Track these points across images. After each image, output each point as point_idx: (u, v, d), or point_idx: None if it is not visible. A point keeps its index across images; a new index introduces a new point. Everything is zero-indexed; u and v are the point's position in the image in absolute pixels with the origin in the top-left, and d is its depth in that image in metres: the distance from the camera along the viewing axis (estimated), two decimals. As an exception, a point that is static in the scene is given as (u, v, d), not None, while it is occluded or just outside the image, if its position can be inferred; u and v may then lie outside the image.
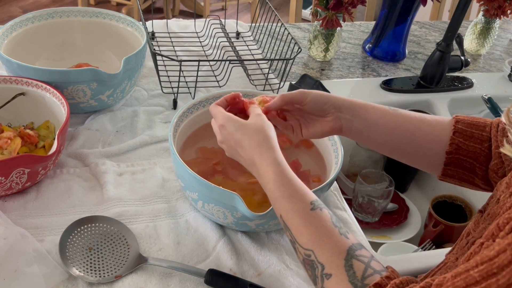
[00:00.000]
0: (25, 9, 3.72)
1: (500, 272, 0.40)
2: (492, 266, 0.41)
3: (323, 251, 0.54)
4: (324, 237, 0.56)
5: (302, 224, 0.58)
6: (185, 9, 3.92)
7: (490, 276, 0.40)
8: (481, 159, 0.70)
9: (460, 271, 0.43)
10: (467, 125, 0.71)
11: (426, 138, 0.72)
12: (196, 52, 1.28)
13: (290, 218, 0.59)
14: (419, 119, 0.74)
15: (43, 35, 1.11)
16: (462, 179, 0.73)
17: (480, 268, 0.41)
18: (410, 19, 1.41)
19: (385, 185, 1.19)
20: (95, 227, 0.80)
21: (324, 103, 0.74)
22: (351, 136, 0.76)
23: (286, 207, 0.60)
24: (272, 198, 0.63)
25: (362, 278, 0.51)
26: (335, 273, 0.52)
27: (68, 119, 0.86)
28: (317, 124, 0.76)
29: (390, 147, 0.75)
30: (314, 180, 0.88)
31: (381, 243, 1.12)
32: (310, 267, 0.55)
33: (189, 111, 0.90)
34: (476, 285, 0.41)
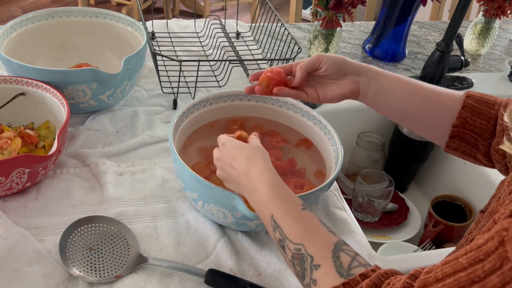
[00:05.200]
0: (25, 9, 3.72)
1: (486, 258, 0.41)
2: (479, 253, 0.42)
3: (313, 244, 0.58)
4: (314, 233, 0.59)
5: (294, 221, 0.61)
6: (185, 9, 3.92)
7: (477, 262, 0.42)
8: (485, 135, 0.72)
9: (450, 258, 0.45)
10: (476, 101, 0.73)
11: (436, 108, 0.75)
12: (196, 52, 1.28)
13: (282, 217, 0.62)
14: (431, 89, 0.76)
15: (43, 35, 1.11)
16: (465, 153, 0.75)
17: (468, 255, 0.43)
18: (410, 19, 1.41)
19: (385, 185, 1.19)
20: (95, 227, 0.80)
21: (342, 64, 0.76)
22: (366, 101, 0.78)
23: (279, 207, 0.63)
24: (263, 201, 0.64)
25: (348, 268, 0.54)
26: (323, 264, 0.55)
27: (68, 119, 0.86)
28: (335, 87, 0.77)
29: (401, 114, 0.77)
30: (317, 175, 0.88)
31: (381, 243, 1.12)
32: (300, 261, 0.58)
33: (189, 111, 0.90)
34: (463, 271, 0.42)
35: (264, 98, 0.95)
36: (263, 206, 0.64)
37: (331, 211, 0.91)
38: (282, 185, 0.66)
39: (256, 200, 0.66)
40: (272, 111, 0.96)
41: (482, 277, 0.41)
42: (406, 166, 1.34)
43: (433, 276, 0.45)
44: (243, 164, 0.68)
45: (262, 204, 0.64)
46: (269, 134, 0.94)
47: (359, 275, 0.52)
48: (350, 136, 1.28)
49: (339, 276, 0.53)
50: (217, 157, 0.73)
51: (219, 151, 0.73)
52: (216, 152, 0.74)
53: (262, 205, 0.65)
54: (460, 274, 0.42)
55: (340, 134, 0.89)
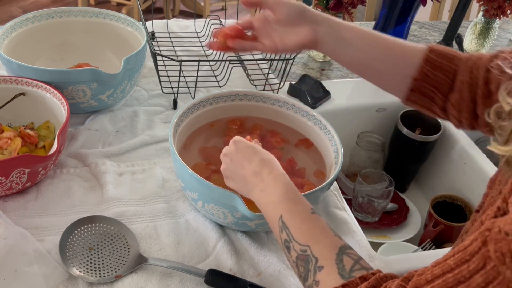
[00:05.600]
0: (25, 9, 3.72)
1: (471, 258, 0.42)
2: (465, 254, 0.43)
3: (319, 246, 0.58)
4: (321, 235, 0.60)
5: (302, 223, 0.62)
6: (185, 9, 3.92)
7: (463, 263, 0.43)
8: (444, 89, 0.73)
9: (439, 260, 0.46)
10: (438, 55, 0.73)
11: (398, 60, 0.74)
12: (196, 52, 1.28)
13: (291, 218, 0.62)
14: (394, 41, 0.76)
15: (43, 35, 1.11)
16: (423, 106, 0.76)
17: (456, 256, 0.44)
18: (410, 19, 1.41)
19: (385, 185, 1.19)
20: (95, 227, 0.80)
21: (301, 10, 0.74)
22: (324, 50, 0.76)
23: (290, 208, 0.63)
24: (274, 201, 0.65)
25: (350, 271, 0.55)
26: (327, 265, 0.56)
27: (68, 119, 0.86)
28: (293, 35, 0.74)
29: (363, 65, 0.77)
30: (317, 175, 0.89)
31: (381, 243, 1.12)
32: (304, 262, 0.58)
33: (189, 111, 0.90)
34: (450, 272, 0.43)
35: (264, 98, 0.95)
36: (272, 206, 0.65)
37: (331, 211, 0.91)
38: (295, 189, 0.66)
39: (267, 200, 0.66)
40: (272, 111, 0.96)
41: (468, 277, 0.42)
42: (406, 166, 1.34)
43: (423, 278, 0.46)
44: (256, 164, 0.69)
45: (272, 204, 0.65)
46: (269, 134, 0.94)
47: (359, 278, 0.53)
48: (350, 136, 1.28)
49: (341, 278, 0.54)
50: (226, 153, 0.73)
51: (229, 148, 0.73)
52: (227, 147, 0.74)
53: (272, 205, 0.65)
54: (447, 275, 0.43)
55: (340, 134, 0.89)
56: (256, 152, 0.70)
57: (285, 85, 1.20)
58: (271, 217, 0.65)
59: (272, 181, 0.67)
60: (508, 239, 0.40)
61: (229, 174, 0.72)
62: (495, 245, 0.40)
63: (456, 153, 1.23)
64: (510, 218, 0.41)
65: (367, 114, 1.29)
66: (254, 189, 0.68)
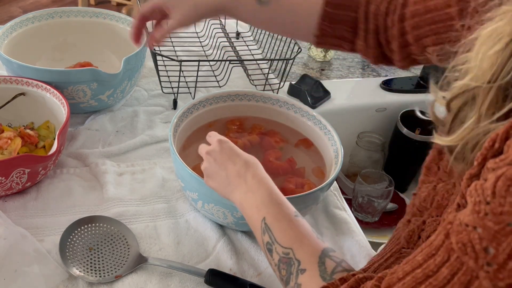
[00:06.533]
0: (25, 9, 3.71)
1: (436, 252, 0.43)
2: (431, 248, 0.44)
3: (302, 249, 0.58)
4: (304, 239, 0.59)
5: (286, 226, 0.61)
6: (185, 9, 3.91)
7: (430, 258, 0.44)
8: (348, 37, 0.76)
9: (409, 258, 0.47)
10: (335, 6, 0.75)
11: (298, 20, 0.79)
12: (196, 52, 1.28)
13: (274, 221, 0.62)
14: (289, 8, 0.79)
15: (43, 35, 1.11)
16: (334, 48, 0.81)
17: (423, 252, 0.45)
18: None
19: (385, 185, 1.19)
20: (95, 227, 0.80)
21: None
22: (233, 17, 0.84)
23: (274, 212, 0.63)
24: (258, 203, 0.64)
25: (331, 273, 0.55)
26: (309, 268, 0.56)
27: (68, 119, 0.86)
28: None
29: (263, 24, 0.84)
30: (317, 175, 0.89)
31: (381, 243, 1.12)
32: (286, 265, 0.58)
33: (189, 111, 0.90)
34: (419, 267, 0.44)
35: (264, 98, 0.95)
36: (256, 208, 0.64)
37: (331, 211, 0.91)
38: (279, 193, 0.66)
39: (250, 202, 0.65)
40: (272, 111, 0.96)
41: (435, 271, 0.43)
42: (406, 166, 1.34)
43: (395, 276, 0.46)
44: (240, 166, 0.68)
45: (256, 207, 0.64)
46: (268, 134, 0.94)
47: (339, 279, 0.53)
48: (350, 136, 1.28)
49: (322, 280, 0.55)
50: (209, 151, 0.72)
51: (213, 147, 0.72)
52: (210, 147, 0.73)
53: (255, 207, 0.64)
54: (416, 271, 0.44)
55: (340, 134, 0.89)
56: (240, 154, 0.70)
57: (285, 85, 1.21)
58: (253, 219, 0.65)
59: (256, 184, 0.66)
60: (468, 230, 0.41)
61: (210, 173, 0.71)
62: (456, 236, 0.42)
63: (456, 153, 1.23)
64: (469, 210, 0.42)
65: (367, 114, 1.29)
66: (236, 191, 0.67)
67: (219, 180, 0.70)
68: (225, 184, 0.69)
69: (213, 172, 0.71)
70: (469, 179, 0.45)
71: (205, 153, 0.72)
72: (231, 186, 0.68)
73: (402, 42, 0.71)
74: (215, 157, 0.71)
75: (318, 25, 0.76)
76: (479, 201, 0.41)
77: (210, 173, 0.71)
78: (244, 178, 0.67)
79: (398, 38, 0.71)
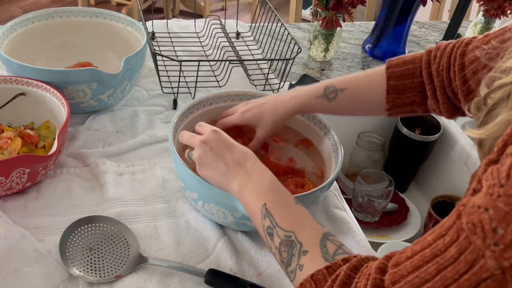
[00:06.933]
0: (25, 9, 3.72)
1: (447, 232, 0.44)
2: (442, 229, 0.45)
3: (303, 232, 0.60)
4: (305, 222, 0.62)
5: (287, 211, 0.63)
6: (185, 9, 3.92)
7: (439, 238, 0.45)
8: (418, 101, 0.80)
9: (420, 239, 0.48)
10: (398, 78, 0.79)
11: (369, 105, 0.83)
12: (196, 52, 1.28)
13: (275, 206, 0.64)
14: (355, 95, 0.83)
15: (43, 35, 1.11)
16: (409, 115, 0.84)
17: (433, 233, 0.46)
18: (410, 19, 1.41)
19: (385, 185, 1.19)
20: (95, 227, 0.80)
21: None
22: None
23: (275, 198, 0.65)
24: (258, 191, 0.66)
25: (333, 254, 0.57)
26: (311, 250, 0.58)
27: (68, 119, 0.86)
28: None
29: None
30: (317, 175, 0.89)
31: (381, 243, 1.12)
32: (288, 247, 0.60)
33: (189, 111, 0.90)
34: (428, 247, 0.45)
35: (264, 98, 0.95)
36: (256, 195, 0.65)
37: (331, 211, 0.91)
38: (279, 183, 0.67)
39: (250, 190, 0.66)
40: (272, 111, 0.96)
41: (443, 250, 0.44)
42: (406, 166, 1.34)
43: (404, 255, 0.47)
44: (239, 155, 0.69)
45: (256, 194, 0.66)
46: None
47: (342, 260, 0.55)
48: (350, 136, 1.28)
49: (324, 261, 0.56)
50: (205, 140, 0.72)
51: (209, 136, 0.72)
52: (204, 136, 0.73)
53: (255, 194, 0.66)
54: (425, 250, 0.45)
55: (340, 134, 0.89)
56: (237, 144, 0.71)
57: (285, 85, 1.20)
58: (253, 206, 0.65)
59: (257, 173, 0.67)
60: (480, 211, 0.42)
61: (206, 162, 0.71)
62: (467, 217, 0.43)
63: (456, 153, 1.23)
64: (482, 193, 0.43)
65: (367, 114, 1.29)
66: (235, 179, 0.68)
67: (215, 169, 0.70)
68: (223, 173, 0.70)
69: (209, 161, 0.71)
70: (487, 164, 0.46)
71: (199, 142, 0.72)
72: (229, 174, 0.69)
73: (465, 90, 0.73)
74: (212, 146, 0.71)
75: (387, 99, 0.80)
76: (494, 184, 0.42)
77: (205, 163, 0.71)
78: (245, 167, 0.68)
79: (461, 87, 0.73)
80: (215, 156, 0.70)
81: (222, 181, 0.70)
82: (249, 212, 0.67)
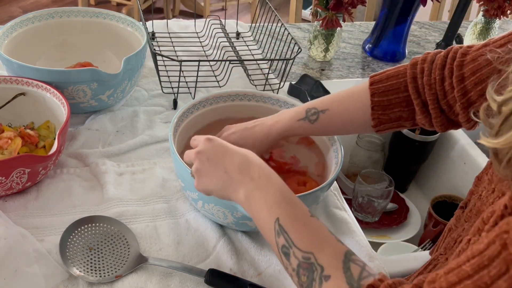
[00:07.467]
0: (25, 9, 3.72)
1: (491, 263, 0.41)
2: (483, 259, 0.41)
3: (323, 254, 0.55)
4: (324, 242, 0.57)
5: (303, 228, 0.58)
6: (185, 9, 3.92)
7: (482, 269, 0.41)
8: (405, 116, 0.77)
9: (452, 266, 0.44)
10: (382, 94, 0.76)
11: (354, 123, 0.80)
12: (196, 52, 1.28)
13: (289, 221, 0.59)
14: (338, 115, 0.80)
15: (43, 35, 1.11)
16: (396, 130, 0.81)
17: (471, 262, 0.42)
18: (410, 19, 1.41)
19: (385, 185, 1.19)
20: (95, 227, 0.80)
21: None
22: None
23: (287, 211, 0.59)
24: (269, 202, 0.61)
25: (358, 279, 0.52)
26: (334, 275, 0.54)
27: (68, 119, 0.86)
28: None
29: None
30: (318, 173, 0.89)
31: (381, 243, 1.12)
32: (307, 270, 0.55)
33: (189, 111, 0.90)
34: (468, 279, 0.42)
35: (264, 98, 0.95)
36: (267, 207, 0.60)
37: (331, 211, 0.91)
38: (290, 190, 0.62)
39: (259, 201, 0.61)
40: (272, 111, 0.96)
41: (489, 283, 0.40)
42: (406, 166, 1.34)
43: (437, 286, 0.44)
44: (240, 160, 0.64)
45: (267, 206, 0.60)
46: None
47: (367, 286, 0.51)
48: (350, 136, 1.28)
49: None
50: (200, 150, 0.67)
51: (203, 145, 0.67)
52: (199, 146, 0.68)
53: (266, 206, 0.60)
54: (466, 282, 0.42)
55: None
56: (234, 148, 0.66)
57: (285, 85, 1.20)
58: (263, 220, 0.61)
59: (264, 180, 0.62)
60: None
61: (205, 173, 0.67)
62: None
63: (456, 153, 1.24)
64: None
65: (367, 114, 1.29)
66: (240, 188, 0.63)
67: (217, 179, 0.66)
68: (225, 182, 0.65)
69: (208, 172, 0.66)
70: None
71: (195, 154, 0.68)
72: (233, 183, 0.64)
73: (465, 102, 0.70)
74: (208, 155, 0.66)
75: (372, 116, 0.77)
76: None
77: (204, 173, 0.67)
78: (249, 173, 0.63)
79: (461, 99, 0.70)
80: (214, 165, 0.66)
81: (225, 190, 0.65)
82: (259, 225, 0.62)
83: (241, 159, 0.65)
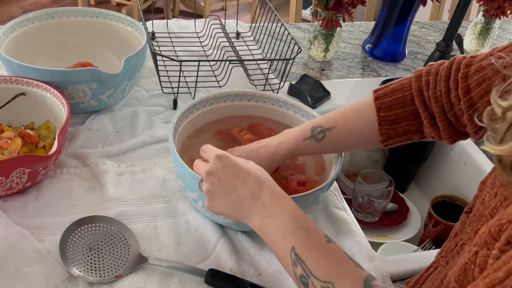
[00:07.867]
0: (25, 9, 3.72)
1: None
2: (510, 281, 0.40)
3: (343, 282, 0.54)
4: (342, 269, 0.55)
5: (320, 255, 0.57)
6: (185, 9, 3.92)
7: None
8: (413, 129, 0.75)
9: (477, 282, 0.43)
10: (388, 109, 0.75)
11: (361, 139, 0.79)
12: (196, 52, 1.28)
13: (306, 250, 0.57)
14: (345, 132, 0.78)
15: (43, 35, 1.11)
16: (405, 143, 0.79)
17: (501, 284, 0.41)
18: (410, 19, 1.41)
19: (385, 185, 1.19)
20: (95, 227, 0.80)
21: None
22: None
23: (303, 238, 0.58)
24: (283, 230, 0.59)
25: None
26: None
27: (68, 119, 0.86)
28: None
29: None
30: (317, 171, 0.89)
31: (381, 243, 1.12)
32: None
33: (189, 111, 0.90)
34: None
35: (264, 98, 0.95)
36: (281, 235, 0.59)
37: (331, 211, 0.91)
38: (303, 214, 0.61)
39: (273, 228, 0.60)
40: (272, 111, 0.96)
41: None
42: (406, 166, 1.34)
43: None
44: (252, 184, 0.63)
45: (281, 234, 0.59)
46: (268, 133, 0.94)
47: None
48: (350, 136, 1.28)
49: None
50: (210, 171, 0.65)
51: (214, 165, 0.65)
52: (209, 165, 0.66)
53: (280, 234, 0.59)
54: None
55: (340, 134, 0.89)
56: (247, 169, 0.64)
57: (285, 85, 1.20)
58: (279, 248, 0.59)
59: (277, 206, 0.61)
60: None
61: (217, 196, 0.65)
62: None
63: (456, 153, 1.24)
64: None
65: (367, 114, 1.29)
66: (253, 215, 0.62)
67: (229, 203, 0.64)
68: (238, 207, 0.64)
69: (220, 195, 0.65)
70: None
71: (205, 174, 0.66)
72: (245, 209, 0.63)
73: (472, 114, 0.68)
74: (219, 177, 0.64)
75: (380, 131, 0.75)
76: None
77: (216, 196, 0.65)
78: (261, 199, 0.62)
79: (467, 111, 0.68)
80: (225, 187, 0.64)
81: (238, 215, 0.64)
82: (275, 252, 0.61)
83: (253, 184, 0.63)
